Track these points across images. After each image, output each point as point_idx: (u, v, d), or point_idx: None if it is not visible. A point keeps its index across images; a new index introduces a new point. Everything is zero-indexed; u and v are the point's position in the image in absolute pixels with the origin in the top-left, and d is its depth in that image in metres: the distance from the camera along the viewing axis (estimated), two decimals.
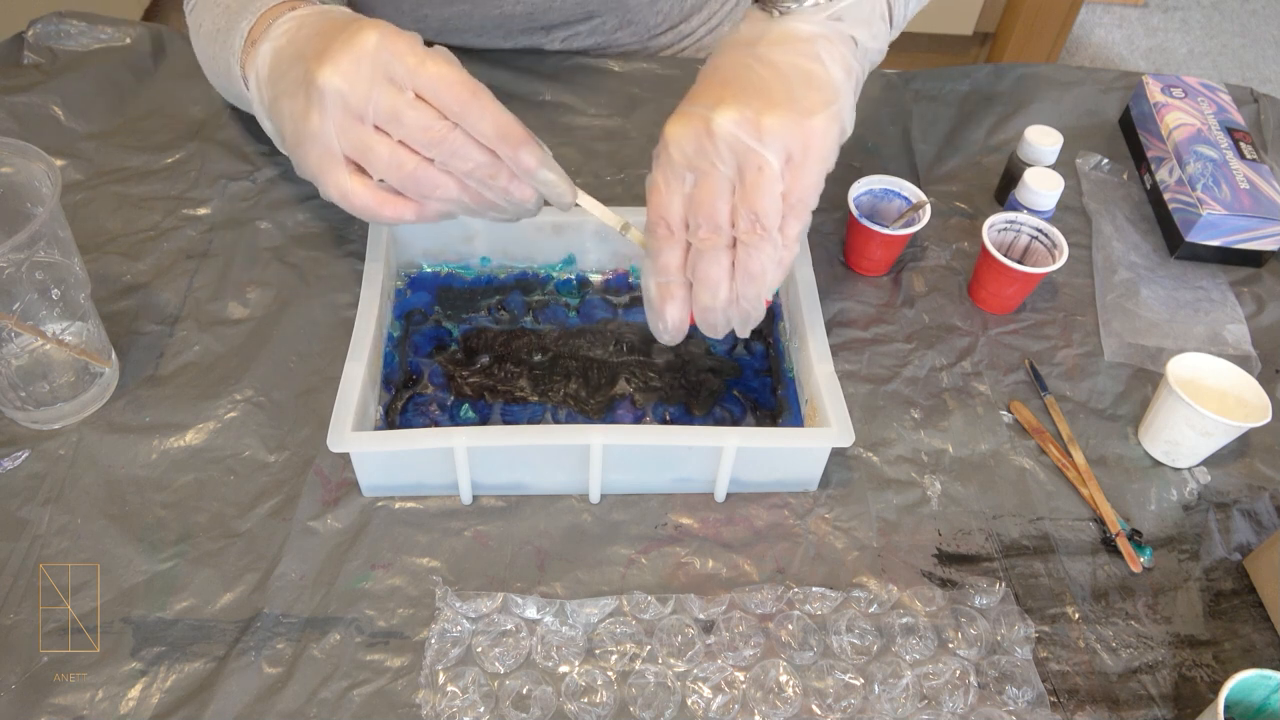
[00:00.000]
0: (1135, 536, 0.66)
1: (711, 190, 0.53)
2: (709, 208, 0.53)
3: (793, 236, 0.54)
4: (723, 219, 0.53)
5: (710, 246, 0.54)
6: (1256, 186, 0.82)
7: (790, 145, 0.52)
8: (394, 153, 0.52)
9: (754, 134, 0.51)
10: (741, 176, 0.52)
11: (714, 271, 0.55)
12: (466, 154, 0.53)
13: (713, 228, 0.53)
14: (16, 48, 0.90)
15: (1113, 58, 2.35)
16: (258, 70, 0.58)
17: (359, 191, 0.54)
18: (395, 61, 0.50)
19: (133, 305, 0.74)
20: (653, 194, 0.55)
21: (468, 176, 0.54)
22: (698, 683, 0.58)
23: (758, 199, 0.52)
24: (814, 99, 0.53)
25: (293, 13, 0.58)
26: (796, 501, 0.66)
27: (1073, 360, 0.76)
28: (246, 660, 0.57)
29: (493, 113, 0.52)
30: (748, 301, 0.56)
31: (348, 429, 0.59)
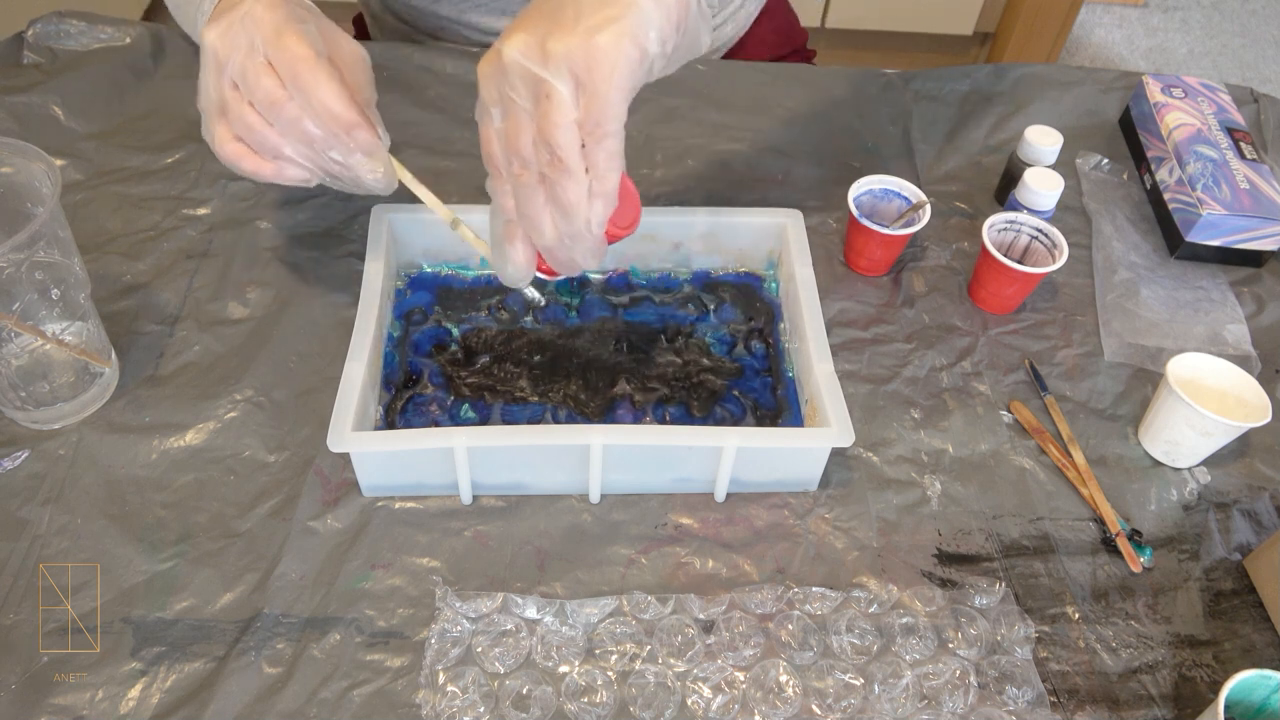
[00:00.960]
0: (1135, 536, 0.66)
1: (514, 124, 0.51)
2: (514, 142, 0.51)
3: (601, 165, 0.51)
4: (528, 153, 0.51)
5: (522, 183, 0.52)
6: (1256, 186, 0.82)
7: (575, 68, 0.48)
8: (242, 112, 0.56)
9: (539, 60, 0.49)
10: (534, 106, 0.50)
11: (530, 209, 0.53)
12: (298, 126, 0.56)
13: (521, 163, 0.51)
14: (16, 47, 0.90)
15: (1113, 58, 2.35)
16: None
17: (224, 140, 0.57)
18: (257, 31, 0.55)
19: (133, 305, 0.74)
20: (480, 136, 0.54)
21: (303, 145, 0.57)
22: (698, 683, 0.58)
23: (548, 129, 0.49)
24: (601, 16, 0.49)
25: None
26: (796, 501, 0.66)
27: (1073, 360, 0.76)
28: (246, 660, 0.57)
29: (329, 93, 0.55)
30: (571, 237, 0.53)
31: (348, 429, 0.59)
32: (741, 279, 0.78)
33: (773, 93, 0.96)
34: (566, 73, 0.49)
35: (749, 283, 0.78)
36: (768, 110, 0.94)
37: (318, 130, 0.56)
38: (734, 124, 0.92)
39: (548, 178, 0.51)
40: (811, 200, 0.86)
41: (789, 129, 0.92)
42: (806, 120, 0.94)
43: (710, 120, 0.93)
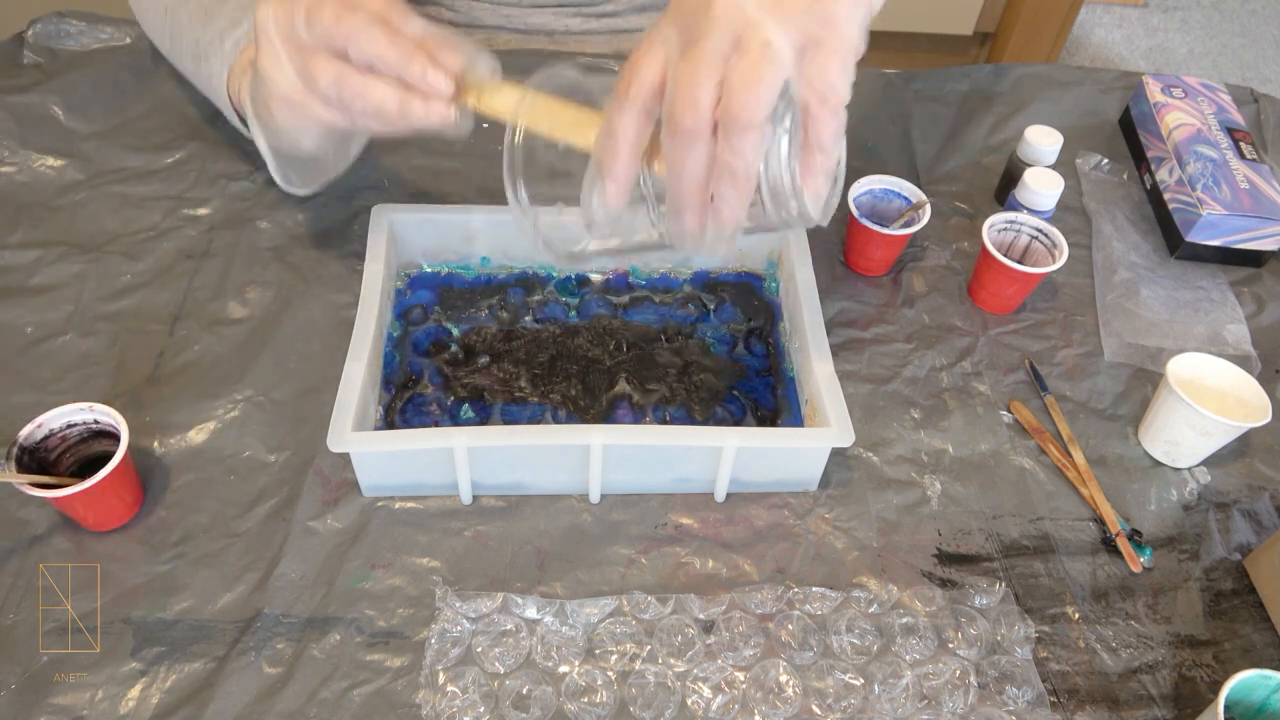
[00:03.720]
0: (1135, 536, 0.66)
1: (694, 64, 0.45)
2: (690, 80, 0.45)
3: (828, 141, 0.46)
4: (704, 97, 0.45)
5: (687, 129, 0.46)
6: (1256, 186, 0.82)
7: (809, 26, 0.44)
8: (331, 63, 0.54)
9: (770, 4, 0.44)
10: (736, 51, 0.44)
11: (688, 162, 0.46)
12: (378, 41, 0.52)
13: (689, 103, 0.45)
14: (17, 47, 0.90)
15: (1113, 58, 2.35)
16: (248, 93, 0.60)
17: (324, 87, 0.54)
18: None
19: (133, 305, 0.74)
20: (633, 53, 0.48)
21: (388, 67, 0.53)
22: (698, 683, 0.58)
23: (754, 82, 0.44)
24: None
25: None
26: (796, 501, 0.66)
27: (1073, 360, 0.76)
28: (246, 660, 0.57)
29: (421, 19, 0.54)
30: (727, 205, 0.47)
31: (348, 429, 0.59)
32: (741, 279, 0.78)
33: None
34: (798, 28, 0.44)
35: (749, 283, 0.78)
36: None
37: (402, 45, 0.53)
38: None
39: (724, 132, 0.45)
40: None
41: None
42: None
43: None
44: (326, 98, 0.55)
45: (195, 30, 0.68)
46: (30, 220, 0.78)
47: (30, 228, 0.78)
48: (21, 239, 0.77)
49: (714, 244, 0.49)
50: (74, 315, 0.72)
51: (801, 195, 0.48)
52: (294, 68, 0.55)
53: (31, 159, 0.82)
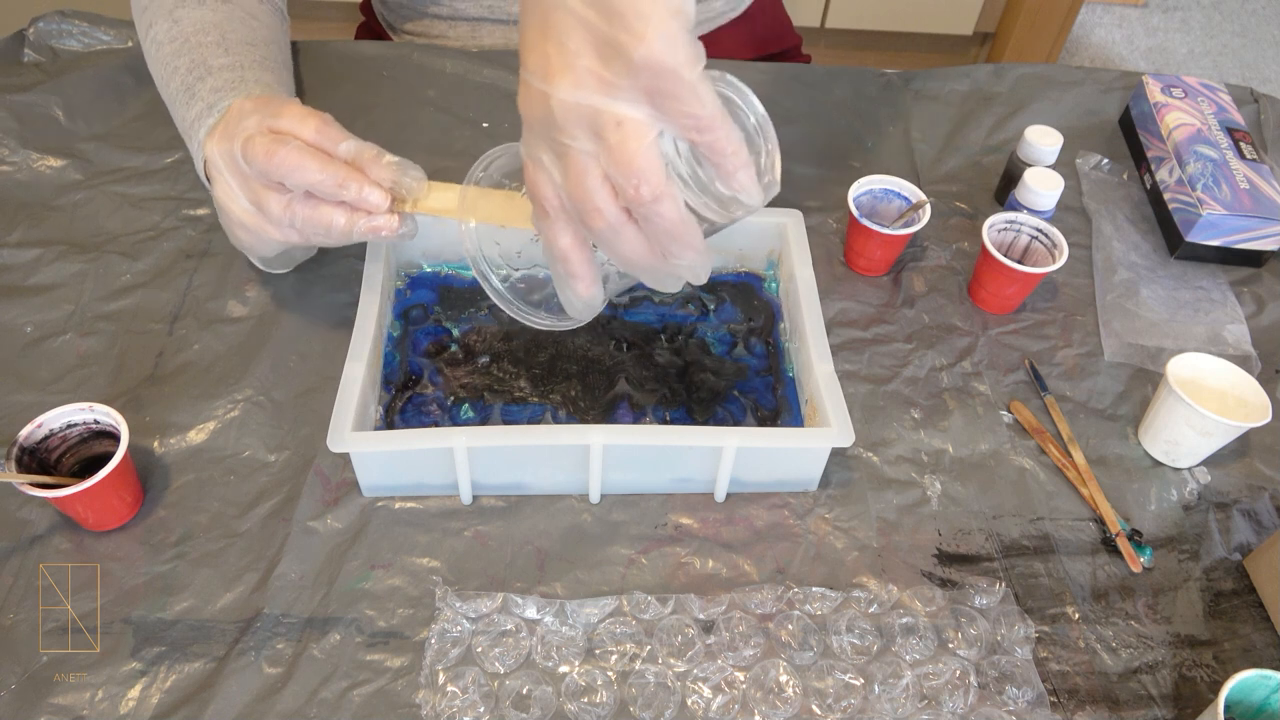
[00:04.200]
0: (1135, 536, 0.66)
1: (576, 170, 0.46)
2: (579, 189, 0.46)
3: (730, 159, 0.46)
4: (599, 196, 0.46)
5: (603, 228, 0.47)
6: (1256, 186, 0.82)
7: (643, 81, 0.44)
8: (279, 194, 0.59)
9: (600, 89, 0.44)
10: (600, 143, 0.45)
11: (622, 248, 0.48)
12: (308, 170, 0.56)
13: (593, 210, 0.47)
14: (17, 45, 0.90)
15: (1113, 58, 2.35)
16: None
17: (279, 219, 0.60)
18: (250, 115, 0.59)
19: (132, 305, 0.74)
20: (525, 173, 0.50)
21: (324, 193, 0.58)
22: (698, 683, 0.58)
23: (627, 160, 0.45)
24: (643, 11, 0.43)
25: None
26: (796, 501, 0.66)
27: (1073, 360, 0.76)
28: (246, 660, 0.57)
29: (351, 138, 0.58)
30: (682, 250, 0.48)
31: (348, 429, 0.59)
32: (741, 279, 0.78)
33: (773, 93, 0.96)
34: (635, 91, 0.44)
35: (749, 282, 0.78)
36: (768, 110, 0.94)
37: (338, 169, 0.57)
38: None
39: (639, 211, 0.47)
40: (811, 200, 0.86)
41: (789, 129, 0.92)
42: (806, 120, 0.94)
43: None
44: (279, 223, 0.59)
45: (180, 107, 0.69)
46: (30, 220, 0.78)
47: (30, 227, 0.78)
48: (20, 238, 0.77)
49: (698, 272, 0.51)
50: (73, 315, 0.72)
51: (735, 200, 0.49)
52: (246, 197, 0.60)
53: (31, 159, 0.82)
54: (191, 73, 0.69)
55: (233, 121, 0.59)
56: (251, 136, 0.57)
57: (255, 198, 0.59)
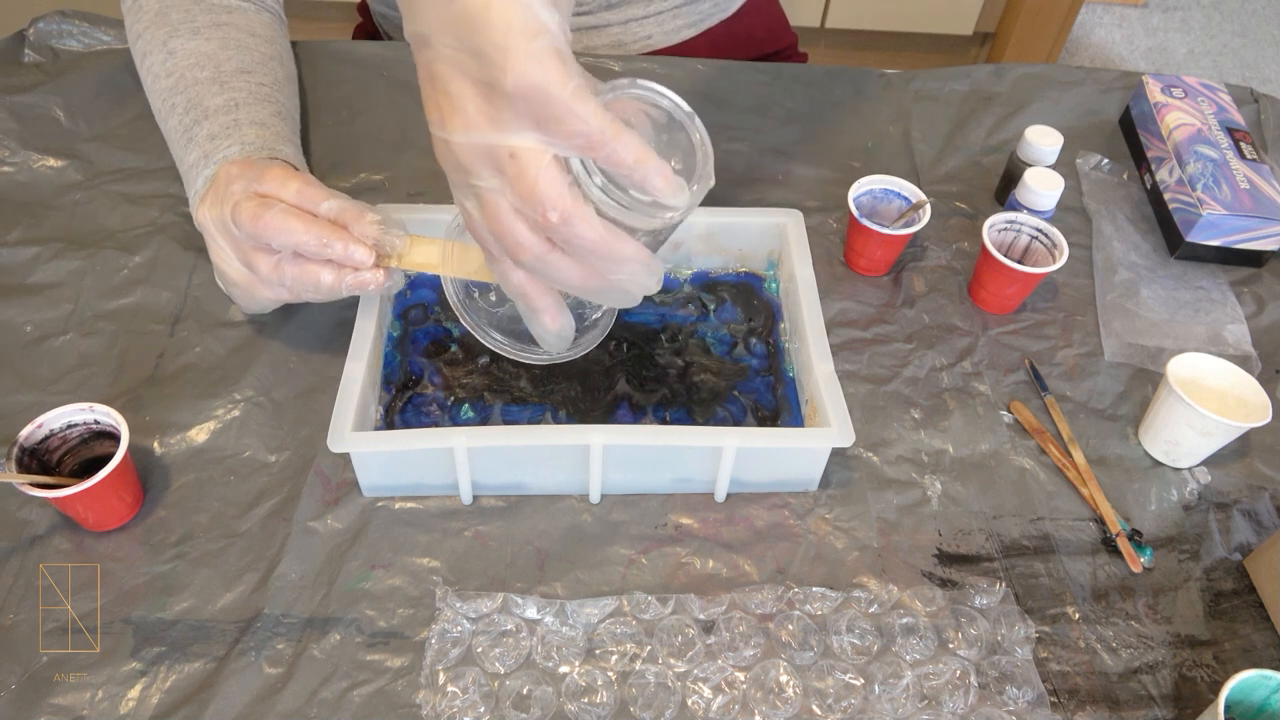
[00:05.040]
0: (1135, 536, 0.66)
1: (490, 208, 0.47)
2: (499, 226, 0.48)
3: (632, 169, 0.46)
4: (520, 232, 0.47)
5: (533, 262, 0.49)
6: (1256, 186, 0.82)
7: (523, 109, 0.44)
8: (268, 255, 0.61)
9: (488, 127, 0.45)
10: (501, 178, 0.46)
11: (561, 276, 0.50)
12: (293, 232, 0.58)
13: (517, 244, 0.48)
14: (17, 45, 0.90)
15: (1113, 58, 2.35)
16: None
17: (270, 283, 0.62)
18: (236, 181, 0.61)
19: (132, 304, 0.74)
20: (467, 225, 0.52)
21: (310, 253, 0.60)
22: (698, 683, 0.58)
23: (527, 189, 0.45)
24: (502, 38, 0.43)
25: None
26: (796, 501, 0.66)
27: (1073, 360, 0.76)
28: (246, 660, 0.57)
29: (334, 197, 0.60)
30: (620, 266, 0.49)
31: (348, 429, 0.59)
32: (741, 279, 0.78)
33: (773, 93, 0.96)
34: (519, 120, 0.44)
35: (749, 283, 0.78)
36: (768, 110, 0.94)
37: (323, 230, 0.59)
38: (734, 124, 0.92)
39: (556, 236, 0.47)
40: (811, 200, 0.86)
41: (789, 129, 0.92)
42: (806, 120, 0.94)
43: (710, 120, 0.91)
44: (270, 283, 0.62)
45: (179, 149, 0.70)
46: (30, 220, 0.78)
47: (29, 227, 0.78)
48: (20, 238, 0.77)
49: (645, 282, 0.51)
50: (73, 315, 0.72)
51: (658, 204, 0.49)
52: (238, 259, 0.62)
53: (32, 159, 0.82)
54: (188, 114, 0.70)
55: (220, 187, 0.62)
56: (239, 202, 0.59)
57: (246, 259, 0.61)
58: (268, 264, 0.61)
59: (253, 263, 0.61)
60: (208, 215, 0.62)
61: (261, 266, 0.61)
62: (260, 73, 0.74)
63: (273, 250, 0.60)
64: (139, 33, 0.75)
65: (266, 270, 0.61)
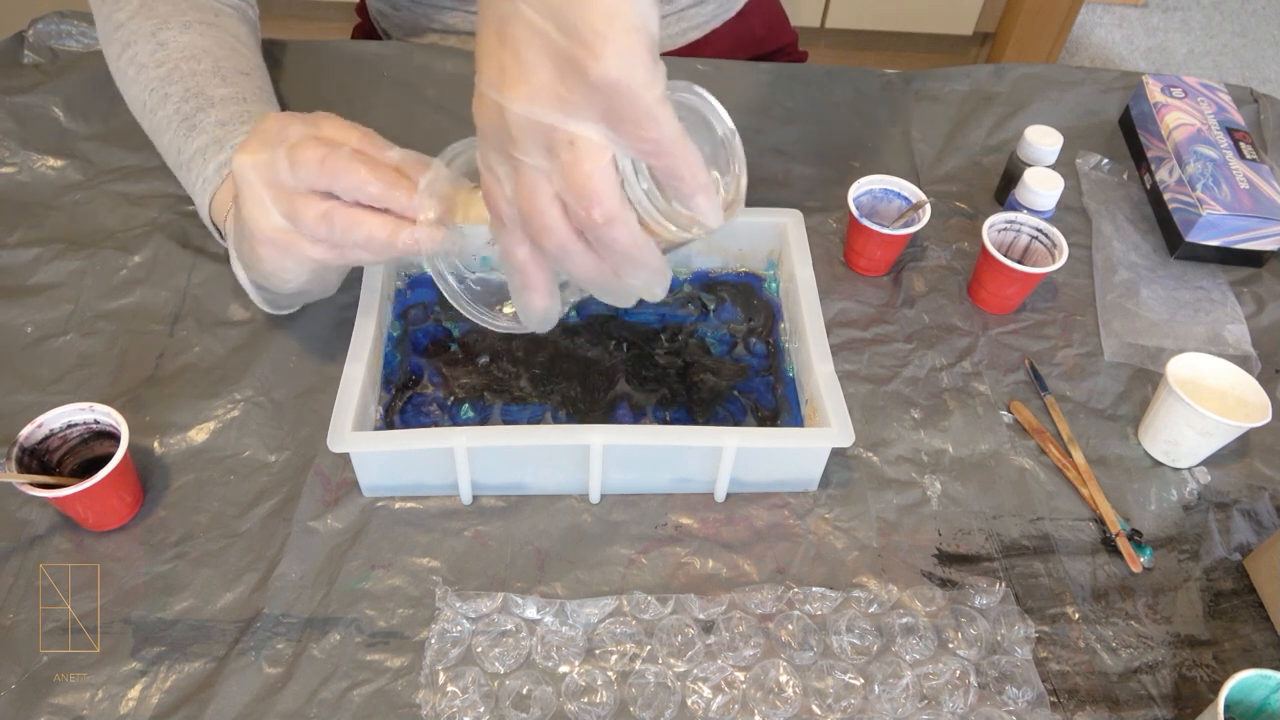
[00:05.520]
0: (1135, 536, 0.66)
1: (528, 187, 0.45)
2: (530, 206, 0.46)
3: (688, 182, 0.45)
4: (550, 216, 0.46)
5: (554, 248, 0.47)
6: (1256, 186, 0.82)
7: (599, 101, 0.42)
8: (312, 204, 0.54)
9: (555, 106, 0.43)
10: (552, 160, 0.44)
11: (574, 266, 0.48)
12: (363, 176, 0.53)
13: (542, 228, 0.46)
14: (17, 46, 0.90)
15: (1113, 58, 2.35)
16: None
17: (310, 248, 0.56)
18: (292, 125, 0.55)
19: (132, 304, 0.74)
20: (481, 183, 0.49)
21: (374, 200, 0.54)
22: (698, 683, 0.58)
23: (581, 181, 0.43)
24: (592, 17, 0.41)
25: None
26: (796, 501, 0.66)
27: (1073, 360, 0.76)
28: (246, 660, 0.57)
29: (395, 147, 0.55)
30: (636, 271, 0.48)
31: (348, 429, 0.59)
32: (741, 279, 0.78)
33: (773, 93, 0.96)
34: (590, 110, 0.43)
35: (749, 282, 0.78)
36: (768, 110, 0.94)
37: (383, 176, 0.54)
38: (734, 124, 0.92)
39: (591, 234, 0.46)
40: (811, 200, 0.86)
41: (789, 129, 0.92)
42: (806, 120, 0.94)
43: None
44: (315, 235, 0.55)
45: (176, 139, 0.68)
46: (30, 220, 0.78)
47: (30, 228, 0.78)
48: (21, 238, 0.77)
49: (654, 289, 0.50)
50: (73, 315, 0.72)
51: (693, 222, 0.48)
52: (279, 210, 0.55)
53: (32, 159, 0.82)
54: (188, 102, 0.68)
55: (271, 131, 0.55)
56: (298, 144, 0.54)
57: (290, 209, 0.55)
58: (315, 213, 0.54)
59: (297, 212, 0.55)
60: (248, 160, 0.55)
61: (308, 216, 0.54)
62: (258, 76, 0.74)
63: (322, 199, 0.55)
64: (120, 22, 0.73)
65: (313, 220, 0.54)
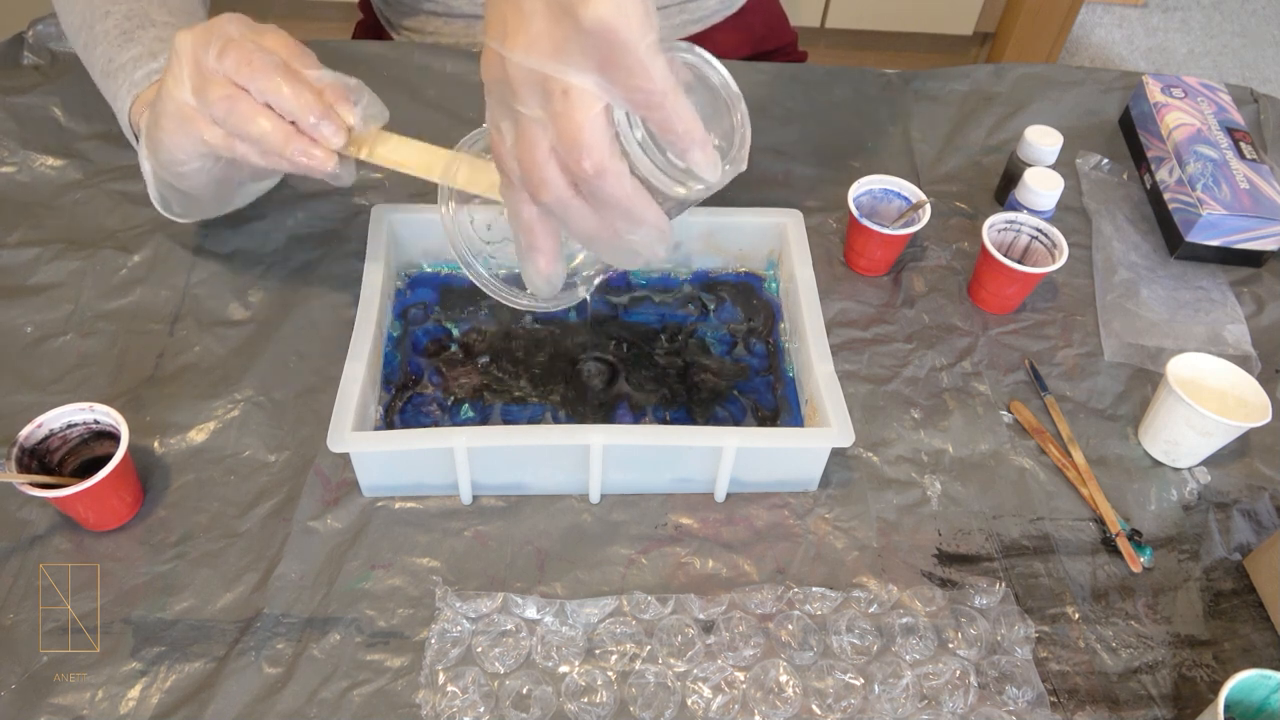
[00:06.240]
0: (1135, 536, 0.66)
1: (527, 138, 0.45)
2: (529, 158, 0.46)
3: (681, 134, 0.45)
4: (548, 170, 0.46)
5: (553, 202, 0.47)
6: (1256, 186, 0.82)
7: (589, 49, 0.42)
8: (221, 86, 0.56)
9: (548, 54, 0.43)
10: (547, 110, 0.44)
11: (575, 224, 0.48)
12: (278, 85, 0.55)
13: (541, 182, 0.46)
14: (16, 48, 0.90)
15: (1113, 58, 2.35)
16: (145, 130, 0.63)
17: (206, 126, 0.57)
18: (238, 24, 0.57)
19: (132, 304, 0.74)
20: (492, 148, 0.49)
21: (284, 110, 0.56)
22: (698, 683, 0.58)
23: (572, 131, 0.43)
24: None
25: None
26: (796, 501, 0.66)
27: (1073, 360, 0.76)
28: (246, 660, 0.57)
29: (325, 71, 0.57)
30: (635, 227, 0.48)
31: (348, 429, 0.59)
32: (741, 279, 0.78)
33: (772, 93, 0.96)
34: (584, 58, 0.43)
35: (749, 283, 0.78)
36: (768, 110, 0.94)
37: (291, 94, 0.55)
38: None
39: (584, 185, 0.46)
40: (811, 200, 0.86)
41: (788, 129, 0.92)
42: (806, 120, 0.94)
43: None
44: (215, 117, 0.56)
45: (110, 49, 0.68)
46: (31, 221, 0.78)
47: (30, 228, 0.78)
48: (21, 239, 0.77)
49: (654, 247, 0.50)
50: (73, 315, 0.72)
51: (691, 174, 0.47)
52: (192, 86, 0.56)
53: (31, 159, 0.82)
54: (130, 19, 0.68)
55: (218, 24, 0.57)
56: (234, 39, 0.55)
57: (201, 85, 0.56)
58: (221, 93, 0.55)
59: (207, 89, 0.56)
60: (187, 37, 0.57)
61: (214, 94, 0.55)
62: (201, 16, 0.73)
63: (233, 86, 0.56)
64: None
65: (217, 99, 0.55)
